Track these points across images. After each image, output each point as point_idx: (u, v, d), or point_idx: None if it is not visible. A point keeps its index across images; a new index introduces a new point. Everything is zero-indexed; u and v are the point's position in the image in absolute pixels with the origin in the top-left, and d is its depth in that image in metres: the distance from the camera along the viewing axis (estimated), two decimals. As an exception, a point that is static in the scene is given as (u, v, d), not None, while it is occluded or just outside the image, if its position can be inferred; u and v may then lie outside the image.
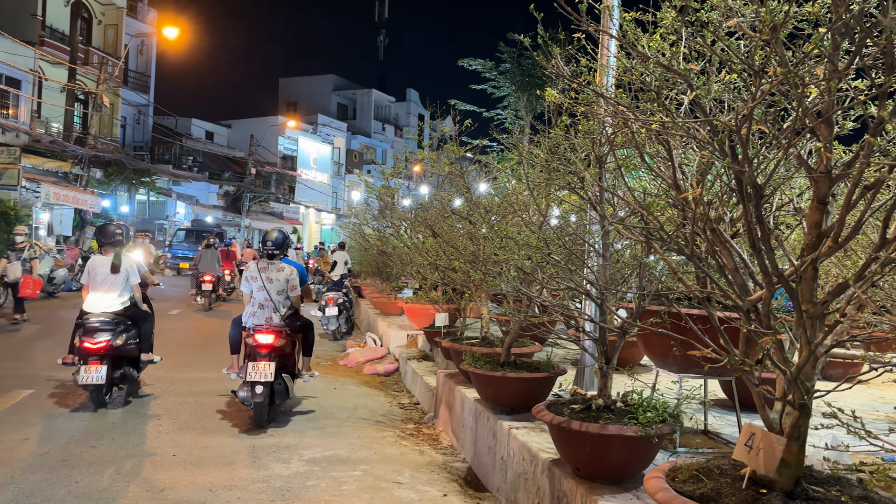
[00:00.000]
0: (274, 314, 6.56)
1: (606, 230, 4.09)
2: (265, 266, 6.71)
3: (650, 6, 2.68)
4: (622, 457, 3.53)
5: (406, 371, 8.80)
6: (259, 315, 6.56)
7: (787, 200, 3.35)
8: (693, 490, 2.54)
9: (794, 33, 2.24)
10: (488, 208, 6.36)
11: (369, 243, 14.34)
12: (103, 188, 28.22)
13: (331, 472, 5.11)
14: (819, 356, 2.40)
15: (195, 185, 37.57)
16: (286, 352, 6.62)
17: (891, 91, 2.09)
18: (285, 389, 6.52)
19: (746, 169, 2.27)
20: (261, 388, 6.08)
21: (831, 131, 2.27)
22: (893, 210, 2.20)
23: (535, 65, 19.93)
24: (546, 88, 3.48)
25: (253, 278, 6.66)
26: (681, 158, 3.07)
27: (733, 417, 4.88)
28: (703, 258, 2.70)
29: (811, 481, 2.53)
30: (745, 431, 2.56)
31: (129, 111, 35.30)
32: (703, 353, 2.59)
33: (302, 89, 55.48)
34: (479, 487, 4.98)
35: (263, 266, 6.71)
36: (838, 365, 6.60)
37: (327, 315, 12.28)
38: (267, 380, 6.09)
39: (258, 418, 6.20)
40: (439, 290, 8.78)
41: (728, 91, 2.75)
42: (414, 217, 9.04)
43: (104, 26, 32.47)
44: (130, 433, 5.91)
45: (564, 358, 7.65)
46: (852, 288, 2.22)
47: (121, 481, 4.75)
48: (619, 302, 4.71)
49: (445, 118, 8.76)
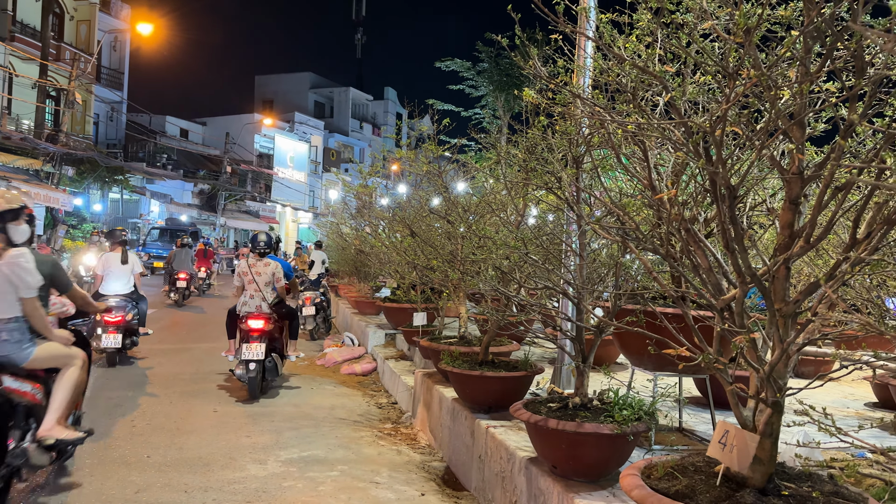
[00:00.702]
0: (263, 302, 7.57)
1: (583, 230, 4.12)
2: (254, 262, 7.74)
3: (627, 8, 2.70)
4: (598, 455, 3.56)
5: (384, 370, 8.79)
6: (250, 304, 7.56)
7: (761, 201, 3.40)
8: (668, 487, 2.57)
9: (768, 36, 2.28)
10: (466, 207, 6.37)
11: (347, 242, 14.29)
12: (75, 186, 27.79)
13: (308, 472, 5.09)
14: (791, 354, 2.44)
15: (169, 183, 37.15)
16: (275, 335, 7.64)
17: (861, 93, 2.13)
18: (275, 367, 7.56)
19: (720, 170, 2.30)
20: (254, 365, 7.17)
21: (803, 133, 2.30)
22: (863, 211, 2.24)
23: (512, 64, 19.99)
24: (524, 88, 3.50)
25: (244, 273, 7.71)
26: (656, 159, 3.10)
27: (708, 415, 4.94)
28: (678, 258, 2.73)
29: (784, 478, 2.57)
30: (719, 429, 2.59)
31: (103, 108, 34.81)
32: (678, 351, 2.62)
33: (278, 87, 55.10)
34: (456, 486, 4.99)
35: (253, 262, 7.74)
36: (810, 363, 6.71)
37: (304, 314, 12.21)
38: (259, 358, 7.16)
39: (252, 391, 7.27)
40: (417, 289, 8.78)
41: (703, 93, 2.78)
42: (392, 216, 9.03)
43: (76, 22, 31.98)
44: (102, 435, 5.83)
45: (542, 356, 7.69)
46: (823, 287, 2.26)
47: (94, 483, 4.69)
48: (596, 301, 4.74)
49: (424, 117, 8.76)
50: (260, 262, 7.75)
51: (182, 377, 8.45)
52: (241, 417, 6.61)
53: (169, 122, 40.82)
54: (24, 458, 4.07)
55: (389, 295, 11.05)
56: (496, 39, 3.29)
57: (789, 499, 2.42)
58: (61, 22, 30.80)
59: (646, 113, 2.58)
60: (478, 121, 23.61)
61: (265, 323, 7.33)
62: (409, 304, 9.30)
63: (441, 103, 22.25)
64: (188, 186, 39.48)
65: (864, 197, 2.25)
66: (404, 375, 7.62)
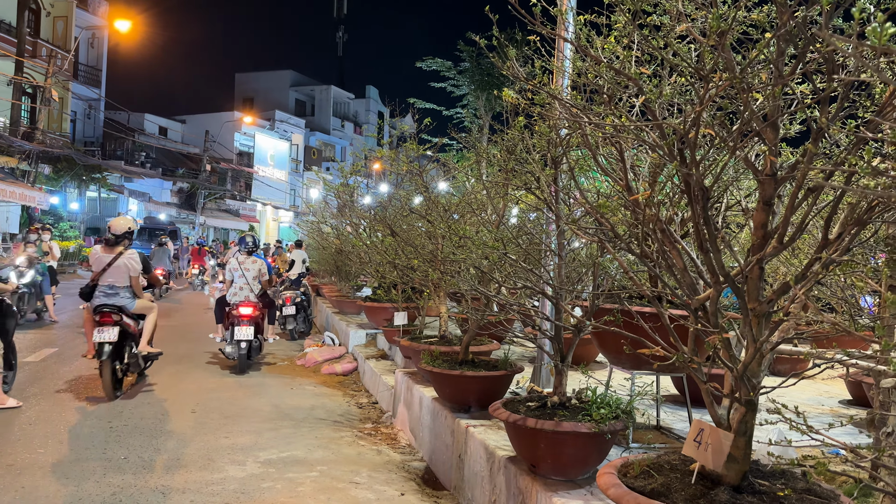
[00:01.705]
0: (251, 293, 9.16)
1: (562, 230, 4.14)
2: (243, 260, 9.36)
3: (604, 9, 2.72)
4: (577, 453, 3.58)
5: (365, 370, 8.77)
6: (240, 294, 9.14)
7: (736, 201, 3.44)
8: (644, 485, 2.59)
9: (743, 39, 2.30)
10: (447, 207, 6.38)
11: (328, 242, 14.22)
12: (52, 185, 27.44)
13: (287, 473, 5.06)
14: (765, 353, 2.47)
15: (148, 181, 36.78)
16: (259, 321, 9.23)
17: (833, 96, 2.16)
18: (259, 346, 9.34)
19: (694, 172, 2.32)
20: (244, 344, 8.74)
21: (777, 134, 2.33)
22: (835, 211, 2.28)
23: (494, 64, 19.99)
24: (504, 88, 3.50)
25: (234, 269, 9.32)
26: (633, 160, 3.12)
27: (685, 413, 4.99)
28: (654, 258, 2.75)
29: (758, 475, 2.60)
30: (695, 427, 2.61)
31: (80, 106, 34.39)
32: (653, 351, 2.64)
33: (259, 85, 54.75)
34: (436, 486, 4.99)
35: (242, 260, 9.35)
36: (786, 361, 6.81)
37: (284, 314, 12.15)
38: (248, 339, 8.74)
39: (241, 366, 8.75)
40: (398, 288, 8.76)
41: (679, 95, 2.81)
42: (373, 216, 9.02)
43: (53, 18, 31.55)
44: (78, 436, 5.76)
45: (522, 356, 7.72)
46: (794, 288, 2.29)
47: (70, 485, 4.63)
48: (576, 300, 4.77)
49: (405, 116, 8.76)
50: (248, 260, 9.38)
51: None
52: (220, 419, 6.57)
53: (148, 120, 40.38)
54: (135, 359, 7.35)
55: (370, 294, 11.03)
56: (476, 40, 3.29)
57: (763, 496, 2.45)
58: (37, 18, 30.36)
59: (622, 114, 2.60)
60: (459, 120, 23.61)
61: (253, 310, 8.92)
62: (390, 304, 9.29)
63: (423, 102, 22.26)
64: (167, 185, 39.11)
65: (836, 198, 2.28)
66: (385, 375, 7.61)
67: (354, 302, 12.16)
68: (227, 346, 8.91)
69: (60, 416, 6.35)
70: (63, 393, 7.23)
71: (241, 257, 9.36)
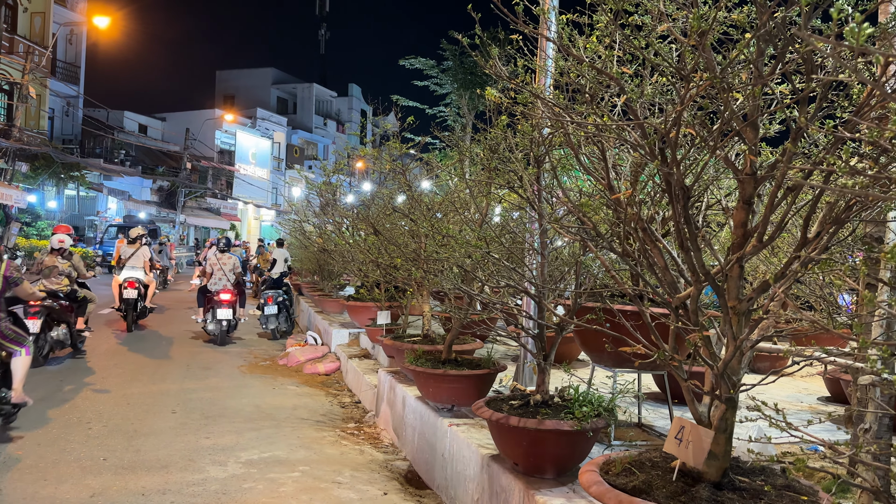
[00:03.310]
0: (228, 283, 11.39)
1: (545, 229, 4.15)
2: (220, 256, 11.62)
3: (587, 9, 2.72)
4: (559, 451, 3.59)
5: (347, 370, 8.74)
6: (219, 283, 11.36)
7: (717, 200, 3.47)
8: (626, 483, 2.60)
9: (724, 40, 2.31)
10: (430, 206, 6.36)
11: (310, 240, 14.15)
12: (29, 183, 27.04)
13: (268, 473, 5.03)
14: (745, 351, 2.49)
15: (127, 179, 36.37)
16: (234, 304, 11.41)
17: (811, 96, 2.18)
18: (235, 324, 11.71)
19: (675, 171, 2.33)
20: (224, 323, 11.17)
21: (757, 134, 2.35)
22: (814, 210, 2.30)
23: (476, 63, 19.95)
24: (487, 87, 3.50)
25: (213, 264, 11.53)
26: (615, 159, 3.13)
27: (666, 410, 5.02)
28: (636, 257, 2.77)
29: (738, 472, 2.62)
30: (675, 425, 2.63)
31: (58, 103, 33.90)
32: (634, 348, 2.65)
33: (240, 82, 54.32)
34: (420, 485, 4.99)
35: (219, 257, 11.61)
36: (766, 358, 6.88)
37: (266, 314, 12.07)
38: (228, 318, 11.17)
39: (221, 339, 11.12)
40: (381, 287, 8.74)
41: (660, 94, 2.82)
42: (356, 214, 8.99)
43: (30, 14, 31.08)
44: (57, 439, 5.69)
45: (505, 354, 7.73)
46: (773, 286, 2.31)
47: (47, 487, 4.57)
48: (558, 299, 4.78)
49: (388, 114, 8.72)
50: (224, 256, 11.67)
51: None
52: (201, 419, 6.51)
53: (127, 118, 39.92)
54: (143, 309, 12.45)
55: (353, 293, 10.98)
56: (459, 39, 3.28)
57: (743, 492, 2.47)
58: (14, 14, 29.89)
59: (604, 113, 2.60)
60: (442, 119, 23.57)
61: (231, 296, 11.24)
62: (373, 303, 9.25)
63: (406, 100, 22.19)
64: (147, 183, 38.70)
65: (814, 197, 2.31)
66: (368, 374, 7.59)
67: (337, 301, 12.12)
68: (209, 324, 11.28)
69: (39, 418, 6.26)
70: (42, 395, 7.14)
71: (218, 255, 11.63)
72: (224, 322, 11.11)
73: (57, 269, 8.71)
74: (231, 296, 11.21)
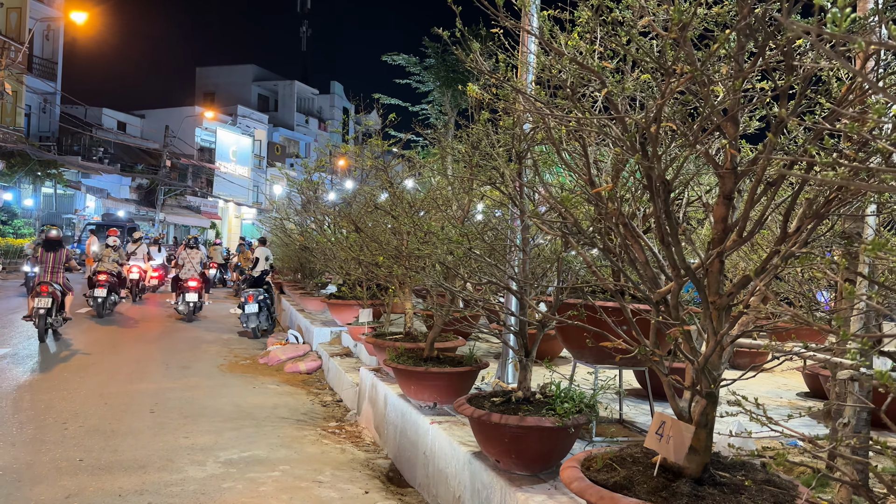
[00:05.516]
0: (195, 272, 14.22)
1: (526, 225, 4.13)
2: (189, 252, 14.66)
3: (568, 4, 2.71)
4: (540, 448, 3.59)
5: (329, 368, 8.69)
6: (188, 272, 14.20)
7: (697, 196, 3.47)
8: (607, 479, 2.60)
9: (705, 35, 2.31)
10: (412, 203, 6.34)
11: (291, 239, 14.07)
12: (5, 180, 26.63)
13: (248, 473, 4.98)
14: (725, 346, 2.50)
15: (106, 177, 35.91)
16: (199, 290, 14.17)
17: (791, 91, 2.18)
18: (200, 305, 14.45)
19: (655, 166, 2.32)
20: (192, 304, 13.81)
21: (737, 129, 2.35)
22: (794, 205, 2.30)
23: (459, 60, 19.91)
24: (469, 84, 3.47)
25: (184, 258, 14.47)
26: (596, 155, 3.12)
27: (647, 406, 5.04)
28: (617, 252, 2.76)
29: (718, 467, 2.62)
30: (656, 420, 2.63)
31: (35, 99, 33.41)
32: (615, 344, 2.65)
33: (220, 79, 53.81)
34: (401, 483, 4.96)
35: (188, 251, 14.69)
36: (746, 354, 6.92)
37: (247, 312, 11.97)
38: (194, 300, 13.83)
39: (189, 317, 13.73)
40: (363, 285, 8.70)
41: (641, 89, 2.81)
42: (337, 212, 8.93)
43: (6, 9, 30.61)
44: (32, 440, 5.60)
45: (488, 352, 7.72)
46: (754, 281, 2.31)
47: (22, 489, 4.49)
48: (540, 295, 4.78)
49: (370, 112, 8.67)
50: (192, 251, 14.77)
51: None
52: (180, 418, 6.44)
53: (105, 115, 39.41)
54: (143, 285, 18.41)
55: (335, 291, 10.91)
56: (441, 35, 3.25)
57: (724, 487, 2.47)
58: (-11, 8, 29.42)
59: (584, 109, 2.59)
60: (425, 116, 23.49)
61: (197, 283, 14.01)
62: (355, 301, 9.22)
63: (388, 98, 22.07)
64: (126, 181, 38.25)
65: (794, 192, 2.31)
66: (350, 373, 7.55)
67: (319, 299, 12.05)
68: (179, 305, 14.03)
69: (13, 418, 6.16)
70: (19, 393, 7.03)
71: (188, 250, 14.83)
72: (191, 303, 13.87)
73: (109, 258, 13.83)
74: (197, 283, 14.10)
